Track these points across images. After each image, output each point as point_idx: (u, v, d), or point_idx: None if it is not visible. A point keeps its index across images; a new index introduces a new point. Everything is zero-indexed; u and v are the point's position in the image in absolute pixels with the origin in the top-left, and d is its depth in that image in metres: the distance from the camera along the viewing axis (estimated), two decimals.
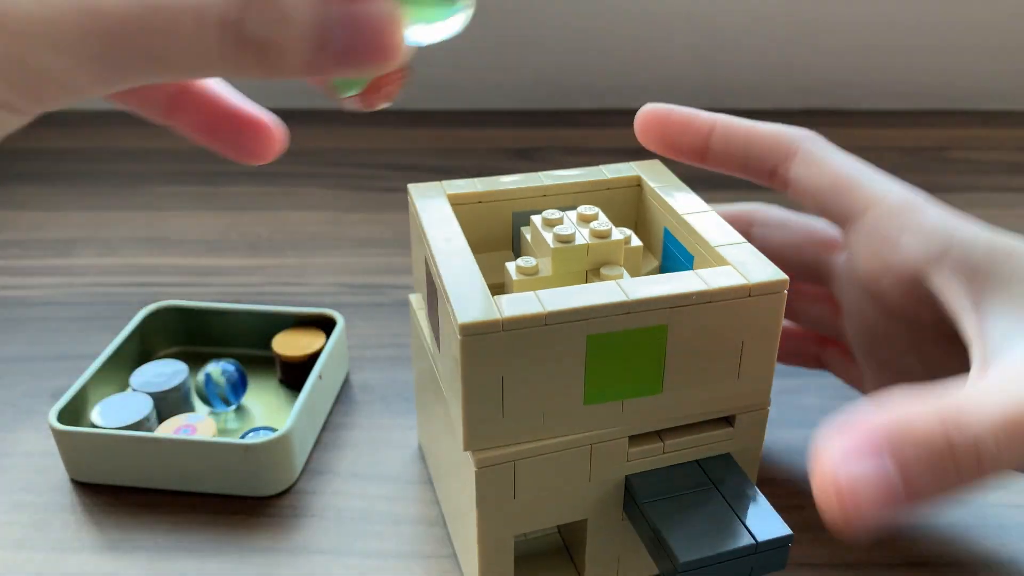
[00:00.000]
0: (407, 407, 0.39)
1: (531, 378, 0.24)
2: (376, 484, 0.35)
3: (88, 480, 0.34)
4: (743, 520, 0.25)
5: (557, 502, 0.26)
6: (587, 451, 0.26)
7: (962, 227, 0.28)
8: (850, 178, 0.30)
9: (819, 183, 0.31)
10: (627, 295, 0.24)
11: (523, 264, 0.27)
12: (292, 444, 0.33)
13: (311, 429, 0.36)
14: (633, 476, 0.26)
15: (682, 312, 0.24)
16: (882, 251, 0.29)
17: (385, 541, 0.32)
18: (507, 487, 0.25)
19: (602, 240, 0.27)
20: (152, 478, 0.34)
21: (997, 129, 0.67)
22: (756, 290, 0.24)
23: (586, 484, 0.26)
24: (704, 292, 0.24)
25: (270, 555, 0.31)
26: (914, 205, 0.29)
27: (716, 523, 0.25)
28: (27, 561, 0.31)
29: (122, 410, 0.35)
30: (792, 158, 0.32)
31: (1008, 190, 0.58)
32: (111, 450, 0.33)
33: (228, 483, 0.33)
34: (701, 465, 0.27)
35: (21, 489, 0.34)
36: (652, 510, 0.25)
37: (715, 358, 0.25)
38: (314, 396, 0.36)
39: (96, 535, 0.32)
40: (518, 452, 0.25)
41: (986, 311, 0.26)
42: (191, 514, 0.33)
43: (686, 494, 0.26)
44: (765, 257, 0.26)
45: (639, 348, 0.24)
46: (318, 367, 0.36)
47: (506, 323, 0.23)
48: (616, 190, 0.31)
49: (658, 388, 0.25)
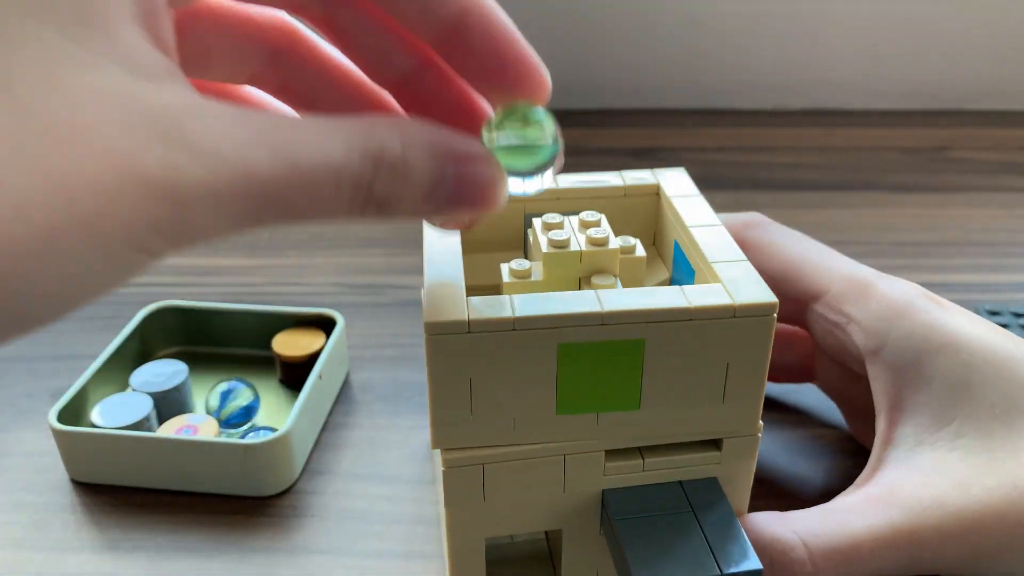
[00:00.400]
0: (407, 407, 0.39)
1: (500, 382, 0.23)
2: (376, 484, 0.35)
3: (88, 480, 0.34)
4: (713, 550, 0.24)
5: (530, 509, 0.26)
6: (560, 461, 0.25)
7: (904, 316, 0.28)
8: (796, 266, 0.31)
9: (771, 272, 0.31)
10: (602, 306, 0.23)
11: (516, 267, 0.26)
12: (292, 444, 0.33)
13: (311, 429, 0.36)
14: (610, 491, 0.26)
15: (662, 328, 0.23)
16: (836, 334, 0.30)
17: (385, 541, 0.32)
18: (476, 489, 0.25)
19: (597, 248, 0.26)
20: (152, 478, 0.34)
21: (997, 129, 0.67)
22: (742, 311, 0.23)
23: (560, 494, 0.26)
24: (685, 309, 0.23)
25: (270, 555, 0.31)
26: (858, 291, 0.29)
27: (683, 550, 0.24)
28: (27, 561, 0.31)
29: (122, 410, 0.35)
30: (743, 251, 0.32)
31: (1008, 190, 0.58)
32: (111, 450, 0.33)
33: (228, 483, 0.33)
34: (684, 487, 0.26)
35: (21, 489, 0.34)
36: (622, 527, 0.25)
37: (698, 378, 0.24)
38: (314, 396, 0.36)
39: (96, 535, 0.32)
40: (487, 455, 0.25)
41: (904, 410, 0.28)
42: (191, 514, 0.33)
43: (661, 516, 0.25)
44: (761, 278, 0.24)
45: (615, 361, 0.24)
46: (318, 367, 0.36)
47: (473, 324, 0.22)
48: (634, 198, 0.30)
49: (635, 404, 0.25)
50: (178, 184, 0.17)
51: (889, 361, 0.28)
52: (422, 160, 0.19)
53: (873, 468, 0.28)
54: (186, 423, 0.35)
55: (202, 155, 0.17)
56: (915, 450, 0.27)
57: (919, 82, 0.70)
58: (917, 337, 0.27)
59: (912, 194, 0.57)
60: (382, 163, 0.19)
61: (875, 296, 0.29)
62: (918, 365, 0.27)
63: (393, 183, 0.19)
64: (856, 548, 0.25)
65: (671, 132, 0.67)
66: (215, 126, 0.18)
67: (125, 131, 0.16)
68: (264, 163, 0.18)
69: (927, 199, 0.57)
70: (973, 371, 0.27)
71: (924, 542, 0.25)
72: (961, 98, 0.71)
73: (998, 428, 0.26)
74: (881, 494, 0.26)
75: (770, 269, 0.31)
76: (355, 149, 0.18)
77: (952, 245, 0.51)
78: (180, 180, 0.17)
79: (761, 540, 0.26)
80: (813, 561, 0.25)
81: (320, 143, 0.18)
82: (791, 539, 0.26)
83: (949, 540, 0.25)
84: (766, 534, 0.26)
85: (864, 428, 0.33)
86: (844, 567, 0.25)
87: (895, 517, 0.25)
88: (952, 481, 0.26)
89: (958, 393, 0.27)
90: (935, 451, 0.27)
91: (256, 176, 0.17)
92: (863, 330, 0.28)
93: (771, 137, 0.66)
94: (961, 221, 0.54)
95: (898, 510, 0.26)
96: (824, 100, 0.71)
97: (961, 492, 0.25)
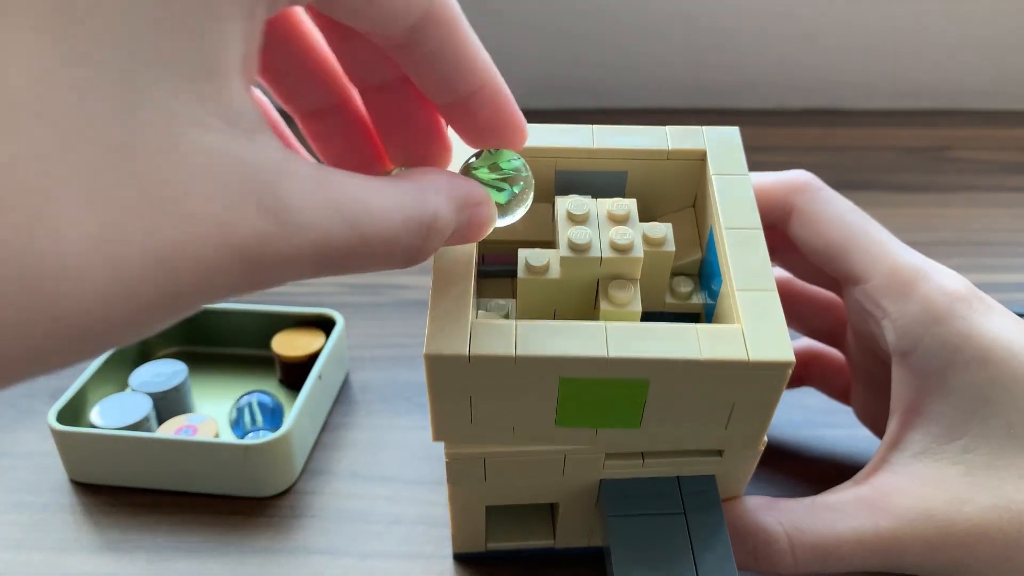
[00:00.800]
0: (407, 407, 0.39)
1: (500, 400, 0.23)
2: (376, 484, 0.35)
3: (88, 480, 0.34)
4: (695, 556, 0.25)
5: (529, 489, 0.27)
6: (560, 459, 0.26)
7: (941, 322, 0.27)
8: (842, 245, 0.29)
9: (815, 246, 0.30)
10: (608, 351, 0.22)
11: (533, 262, 0.25)
12: (292, 444, 0.33)
13: (311, 429, 0.36)
14: (608, 481, 0.26)
15: (668, 369, 0.23)
16: (869, 324, 0.29)
17: (385, 541, 0.32)
18: (478, 473, 0.26)
19: (620, 255, 0.24)
20: (152, 478, 0.34)
21: (997, 129, 0.67)
22: (754, 367, 0.22)
23: (559, 479, 0.26)
24: (693, 361, 0.22)
25: (270, 555, 0.31)
26: (900, 287, 0.28)
27: (667, 553, 0.25)
28: (27, 561, 0.31)
29: (121, 410, 0.35)
30: (789, 218, 0.31)
31: (1008, 190, 0.58)
32: (111, 450, 0.33)
33: (228, 484, 0.33)
34: (680, 484, 0.26)
35: (21, 489, 0.34)
36: (613, 523, 0.25)
37: (702, 409, 0.24)
38: (314, 396, 0.36)
39: (96, 535, 0.32)
40: (489, 453, 0.25)
41: (919, 415, 0.27)
42: (191, 514, 0.33)
43: (652, 515, 0.26)
44: (783, 320, 0.23)
45: (617, 395, 0.23)
46: (318, 367, 0.36)
47: (473, 359, 0.22)
48: (678, 162, 0.28)
49: (636, 424, 0.24)
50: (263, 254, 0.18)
51: (916, 366, 0.27)
52: (453, 213, 0.21)
53: (873, 468, 0.28)
54: (185, 423, 0.35)
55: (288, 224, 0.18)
56: (919, 458, 0.27)
57: (919, 82, 0.70)
58: (948, 347, 0.27)
59: (912, 194, 0.57)
60: (432, 231, 0.21)
61: (916, 295, 0.27)
62: (943, 375, 0.27)
63: (435, 243, 0.21)
64: (838, 547, 0.26)
65: None
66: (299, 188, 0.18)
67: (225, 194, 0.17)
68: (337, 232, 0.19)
69: (927, 199, 0.57)
70: (996, 387, 0.26)
71: (907, 550, 0.25)
72: (961, 98, 0.71)
73: (1009, 447, 0.26)
74: (873, 497, 0.26)
75: (814, 244, 0.30)
76: (412, 219, 0.20)
77: (952, 245, 0.51)
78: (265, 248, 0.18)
79: (748, 527, 0.26)
80: (795, 555, 0.26)
81: (384, 214, 0.20)
82: (776, 530, 0.26)
83: (932, 551, 0.25)
84: (753, 522, 0.26)
85: (871, 406, 0.33)
86: (824, 563, 0.26)
87: (882, 522, 0.26)
88: (947, 496, 0.26)
89: (976, 407, 0.26)
90: (938, 462, 0.26)
91: (331, 245, 0.19)
92: (897, 329, 0.28)
93: (771, 137, 0.66)
94: (961, 221, 0.54)
95: (886, 515, 0.26)
96: (824, 100, 0.71)
97: (954, 508, 0.25)
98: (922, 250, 0.29)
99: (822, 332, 0.35)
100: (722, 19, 0.68)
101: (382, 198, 0.20)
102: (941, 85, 0.70)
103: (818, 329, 0.35)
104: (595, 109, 0.69)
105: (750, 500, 0.27)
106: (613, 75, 0.70)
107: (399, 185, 0.20)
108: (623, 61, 0.70)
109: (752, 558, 0.26)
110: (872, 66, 0.70)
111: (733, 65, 0.70)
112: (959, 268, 0.29)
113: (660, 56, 0.69)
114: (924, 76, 0.70)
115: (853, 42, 0.69)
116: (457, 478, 0.26)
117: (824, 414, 0.38)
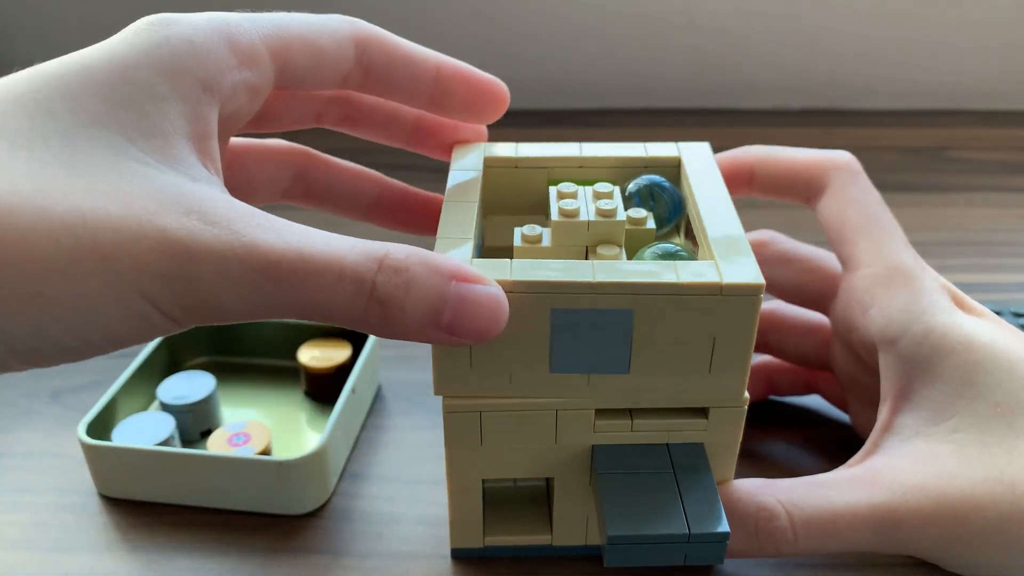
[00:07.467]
0: (407, 407, 0.39)
1: (498, 339, 0.24)
2: (376, 484, 0.35)
3: (117, 495, 0.34)
4: (685, 510, 0.25)
5: (524, 456, 0.28)
6: (552, 415, 0.27)
7: (927, 312, 0.28)
8: (854, 231, 0.31)
9: (834, 223, 0.32)
10: (594, 276, 0.24)
11: (527, 232, 0.28)
12: (326, 461, 0.33)
13: (344, 444, 0.35)
14: (599, 447, 0.27)
15: (649, 300, 0.24)
16: (853, 314, 0.31)
17: (385, 541, 0.32)
18: (474, 434, 0.27)
19: (605, 219, 0.27)
20: (181, 495, 0.33)
21: (997, 129, 0.67)
22: (728, 290, 0.24)
23: (553, 445, 0.27)
24: (672, 284, 0.24)
25: (270, 555, 0.31)
26: (895, 279, 0.30)
27: (658, 507, 0.25)
28: (27, 561, 0.31)
29: (141, 431, 0.34)
30: (822, 193, 0.32)
31: (1008, 190, 0.58)
32: (139, 467, 0.33)
33: (260, 501, 0.33)
34: (670, 450, 0.27)
35: (21, 489, 0.34)
36: (604, 481, 0.26)
37: (685, 349, 0.25)
38: (348, 411, 0.35)
39: (96, 535, 0.32)
40: (485, 404, 0.26)
41: (908, 400, 0.28)
42: (191, 514, 0.33)
43: (643, 474, 0.26)
44: (753, 257, 0.25)
45: (604, 327, 0.25)
46: (351, 380, 0.35)
47: None
48: (655, 168, 0.31)
49: (624, 368, 0.26)
50: (189, 244, 0.19)
51: (904, 353, 0.28)
52: (425, 274, 0.21)
53: (867, 452, 0.29)
54: (238, 431, 0.34)
55: (215, 225, 0.20)
56: (910, 440, 0.28)
57: (919, 82, 0.70)
58: (935, 335, 0.28)
59: (912, 194, 0.57)
60: (384, 264, 0.21)
61: (907, 288, 0.29)
62: (930, 361, 0.28)
63: (395, 286, 0.21)
64: (834, 522, 0.26)
65: (671, 132, 0.67)
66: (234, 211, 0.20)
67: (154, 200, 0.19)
68: (272, 242, 0.20)
69: (927, 199, 0.57)
70: (981, 370, 0.27)
71: (901, 523, 0.26)
72: (961, 98, 0.71)
73: (997, 425, 0.27)
74: (866, 475, 0.27)
75: (834, 222, 0.32)
76: (359, 249, 0.21)
77: (952, 245, 0.51)
78: (191, 240, 0.19)
79: (747, 507, 0.27)
80: (795, 530, 0.26)
81: (327, 240, 0.21)
82: (775, 507, 0.27)
83: (926, 524, 0.26)
84: (751, 502, 0.27)
85: (867, 419, 0.34)
86: (823, 539, 0.26)
87: (875, 496, 0.26)
88: (939, 470, 0.26)
89: (963, 390, 0.27)
90: (929, 443, 0.27)
91: (263, 250, 0.20)
92: (884, 317, 0.29)
93: (771, 137, 0.66)
94: (961, 221, 0.54)
95: (879, 490, 0.26)
96: (824, 100, 0.71)
97: (946, 481, 0.26)
98: (922, 250, 0.29)
99: (809, 356, 0.36)
100: (722, 20, 0.68)
101: (330, 235, 0.21)
102: (941, 85, 0.70)
103: (805, 354, 0.36)
104: (595, 109, 0.69)
105: (746, 482, 0.28)
106: (613, 75, 0.70)
107: None
108: (623, 61, 0.70)
109: (754, 537, 0.27)
110: (872, 67, 0.70)
111: (733, 65, 0.70)
112: (959, 268, 0.29)
113: (660, 56, 0.69)
114: (924, 76, 0.70)
115: (853, 43, 0.69)
116: (454, 437, 0.27)
117: (825, 417, 0.38)
